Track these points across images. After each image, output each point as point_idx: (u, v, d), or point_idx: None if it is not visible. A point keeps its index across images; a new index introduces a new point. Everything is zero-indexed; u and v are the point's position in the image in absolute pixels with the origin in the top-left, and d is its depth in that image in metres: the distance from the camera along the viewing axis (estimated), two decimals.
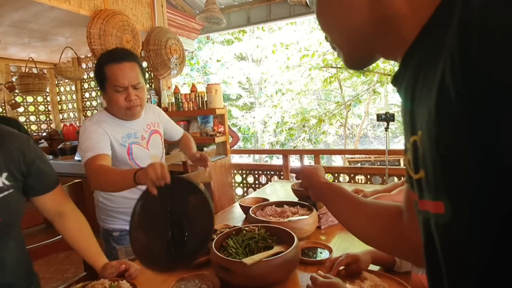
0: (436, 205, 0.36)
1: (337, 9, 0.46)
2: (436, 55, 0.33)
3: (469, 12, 0.27)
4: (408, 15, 0.40)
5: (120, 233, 1.39)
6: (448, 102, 0.30)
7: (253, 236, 1.05)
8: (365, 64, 0.51)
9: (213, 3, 3.09)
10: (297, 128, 8.35)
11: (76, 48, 3.02)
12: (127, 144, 1.34)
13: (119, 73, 1.24)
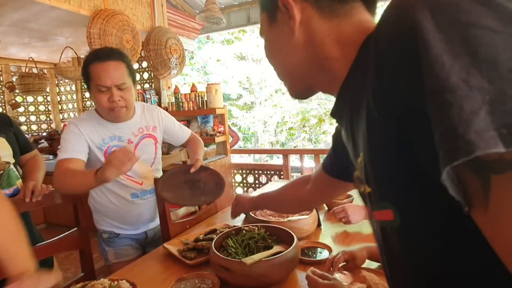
0: (387, 213, 0.41)
1: (280, 50, 0.53)
2: (363, 89, 0.40)
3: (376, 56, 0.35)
4: (339, 57, 0.47)
5: (109, 235, 1.38)
6: (375, 125, 0.38)
7: (252, 236, 1.05)
8: (306, 95, 0.57)
9: (213, 3, 3.09)
10: (297, 128, 8.35)
11: (76, 48, 3.02)
12: (104, 147, 1.27)
13: (102, 72, 1.19)
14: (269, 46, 0.56)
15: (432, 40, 0.28)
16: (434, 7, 0.29)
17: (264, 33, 0.56)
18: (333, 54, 0.47)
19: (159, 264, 1.11)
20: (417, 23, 0.30)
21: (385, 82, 0.34)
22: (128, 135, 1.33)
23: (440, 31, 0.28)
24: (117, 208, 1.34)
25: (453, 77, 0.27)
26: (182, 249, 1.14)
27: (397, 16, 0.33)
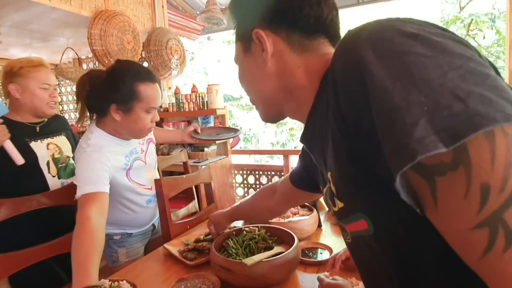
0: (360, 224, 0.44)
1: (253, 77, 0.58)
2: (327, 113, 0.44)
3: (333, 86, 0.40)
4: (307, 85, 0.51)
5: (122, 236, 1.38)
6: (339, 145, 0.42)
7: (253, 237, 1.05)
8: (276, 119, 0.62)
9: (213, 4, 3.09)
10: (297, 128, 8.34)
11: (77, 48, 3.03)
12: (129, 164, 1.26)
13: (156, 94, 1.18)
14: (243, 73, 0.61)
15: (375, 69, 0.33)
16: (374, 44, 0.34)
17: (239, 60, 0.61)
18: (302, 84, 0.52)
19: (160, 264, 1.11)
20: (361, 58, 0.35)
21: (342, 108, 0.38)
22: (140, 146, 1.35)
23: (380, 61, 0.33)
24: (133, 216, 1.36)
25: (395, 97, 0.31)
26: (182, 249, 1.14)
27: (346, 53, 0.38)
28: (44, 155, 1.38)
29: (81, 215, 0.96)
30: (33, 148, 1.36)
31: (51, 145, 1.42)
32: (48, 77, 1.40)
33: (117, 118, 1.16)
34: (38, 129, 1.43)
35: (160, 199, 1.37)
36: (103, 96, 1.14)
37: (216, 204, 1.74)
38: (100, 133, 1.20)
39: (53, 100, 1.42)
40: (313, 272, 1.00)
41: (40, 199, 1.22)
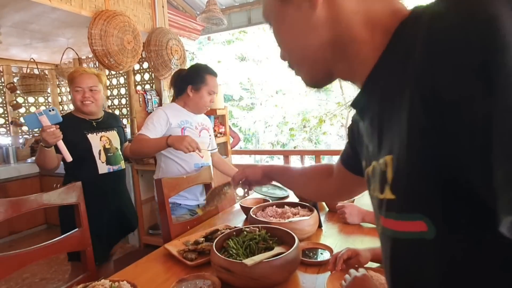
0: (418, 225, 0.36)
1: (295, 31, 0.46)
2: (400, 83, 0.35)
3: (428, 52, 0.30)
4: (367, 40, 0.41)
5: (172, 205, 1.65)
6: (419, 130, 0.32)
7: (253, 237, 1.05)
8: (324, 83, 0.51)
9: (214, 4, 3.09)
10: (297, 129, 8.34)
11: (77, 49, 3.03)
12: (181, 126, 1.72)
13: (216, 83, 1.77)
14: (280, 28, 0.49)
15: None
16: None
17: (272, 13, 0.49)
18: (360, 37, 0.41)
19: (160, 265, 1.11)
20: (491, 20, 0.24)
21: (440, 86, 0.28)
22: (195, 124, 1.81)
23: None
24: (182, 174, 1.70)
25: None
26: (183, 250, 1.14)
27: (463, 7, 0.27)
28: (97, 145, 1.69)
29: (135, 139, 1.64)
30: (90, 139, 1.68)
31: (103, 138, 1.74)
32: (80, 80, 1.66)
33: (190, 95, 1.74)
34: (95, 124, 1.74)
35: (160, 199, 1.37)
36: (185, 80, 1.75)
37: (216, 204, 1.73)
38: (172, 103, 1.81)
39: (86, 100, 1.66)
40: (314, 272, 1.00)
41: (40, 198, 1.22)
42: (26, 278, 2.57)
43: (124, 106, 3.39)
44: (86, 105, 1.67)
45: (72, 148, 1.56)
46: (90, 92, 1.68)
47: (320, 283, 0.93)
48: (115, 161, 1.76)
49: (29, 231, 3.52)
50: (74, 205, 1.31)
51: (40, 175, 3.48)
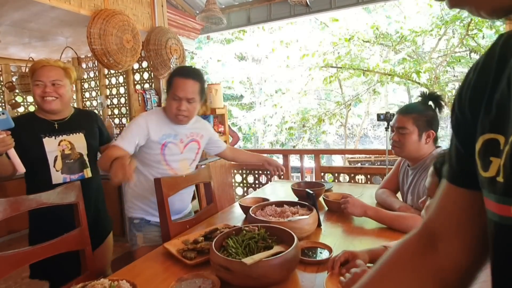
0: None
1: None
2: None
3: None
4: None
5: (140, 220, 1.56)
6: None
7: (253, 236, 1.05)
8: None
9: (213, 3, 3.09)
10: (297, 128, 8.35)
11: (76, 48, 3.02)
12: (162, 141, 1.52)
13: (180, 85, 1.46)
14: None
15: None
16: None
17: None
18: None
19: (159, 264, 1.11)
20: None
21: None
22: (182, 136, 1.58)
23: None
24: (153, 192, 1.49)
25: None
26: (182, 249, 1.14)
27: None
28: (54, 151, 1.47)
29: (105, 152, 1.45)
30: (45, 143, 1.46)
31: (63, 142, 1.51)
32: (41, 73, 1.44)
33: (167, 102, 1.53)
34: (56, 126, 1.52)
35: (160, 198, 1.37)
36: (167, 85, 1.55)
37: (216, 204, 1.74)
38: (159, 109, 1.59)
39: (47, 95, 1.44)
40: (313, 271, 1.00)
41: (39, 198, 1.22)
42: (25, 278, 2.56)
43: (123, 105, 3.38)
44: (48, 102, 1.45)
45: (23, 153, 1.36)
46: (53, 87, 1.45)
47: (319, 282, 0.93)
48: (76, 169, 1.51)
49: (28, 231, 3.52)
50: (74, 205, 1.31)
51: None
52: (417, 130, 1.39)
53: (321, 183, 1.85)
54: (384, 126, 2.44)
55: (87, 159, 1.56)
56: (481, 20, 5.22)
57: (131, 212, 1.59)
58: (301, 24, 8.28)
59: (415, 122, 1.39)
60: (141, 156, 1.54)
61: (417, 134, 1.39)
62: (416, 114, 1.40)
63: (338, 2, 3.47)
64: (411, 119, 1.39)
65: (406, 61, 6.22)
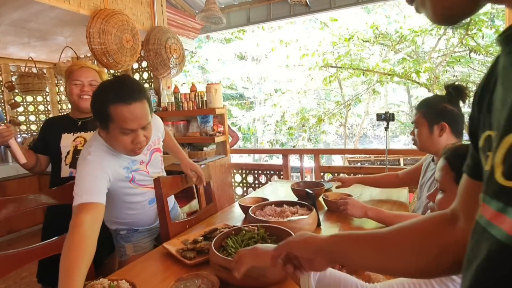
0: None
1: None
2: None
3: None
4: None
5: (128, 231, 1.41)
6: None
7: (252, 236, 1.05)
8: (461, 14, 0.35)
9: (213, 3, 3.09)
10: (296, 128, 8.35)
11: (75, 47, 3.02)
12: (130, 175, 1.28)
13: (128, 115, 1.08)
14: None
15: None
16: None
17: None
18: None
19: (159, 264, 1.11)
20: None
21: None
22: (140, 157, 1.30)
23: None
24: (135, 215, 1.39)
25: None
26: (181, 249, 1.14)
27: None
28: (68, 145, 1.54)
29: (74, 222, 0.97)
30: (62, 139, 1.55)
31: (78, 138, 1.57)
32: (79, 73, 1.54)
33: (102, 135, 1.19)
34: (79, 124, 1.60)
35: (159, 198, 1.37)
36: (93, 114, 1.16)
37: (215, 204, 1.74)
38: (100, 142, 1.19)
39: (85, 94, 1.54)
40: None
41: (39, 197, 1.22)
42: (24, 277, 2.56)
43: None
44: (85, 100, 1.53)
45: (46, 149, 1.52)
46: (90, 87, 1.54)
47: None
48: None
49: (28, 230, 3.52)
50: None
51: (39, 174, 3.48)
52: (426, 123, 1.36)
53: (320, 183, 1.85)
54: (384, 126, 2.43)
55: None
56: (481, 20, 5.22)
57: (114, 225, 1.40)
58: (301, 24, 8.28)
59: (424, 115, 1.37)
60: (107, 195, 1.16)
61: (427, 127, 1.36)
62: (426, 107, 1.38)
63: (338, 2, 3.47)
64: (421, 113, 1.38)
65: (406, 60, 6.22)
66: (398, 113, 9.37)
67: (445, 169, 0.77)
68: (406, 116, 9.58)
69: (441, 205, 0.77)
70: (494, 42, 5.64)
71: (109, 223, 1.42)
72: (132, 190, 1.32)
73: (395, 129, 10.17)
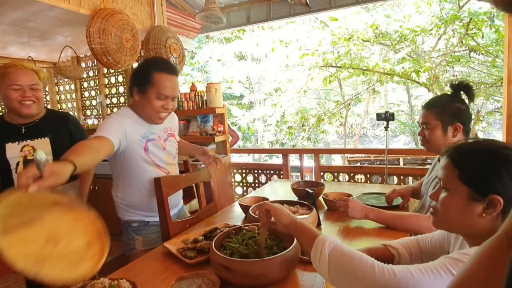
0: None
1: None
2: None
3: None
4: None
5: (139, 223, 1.47)
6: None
7: (253, 236, 1.05)
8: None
9: (213, 2, 3.08)
10: (296, 127, 8.35)
11: (75, 47, 3.02)
12: (144, 141, 1.43)
13: (168, 84, 1.36)
14: None
15: None
16: None
17: None
18: None
19: (159, 263, 1.11)
20: None
21: None
22: (159, 133, 1.50)
23: None
24: (147, 196, 1.45)
25: None
26: (182, 248, 1.14)
27: None
28: (15, 156, 1.43)
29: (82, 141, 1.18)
30: (7, 149, 1.43)
31: (26, 147, 1.45)
32: (17, 77, 1.39)
33: (136, 99, 1.40)
34: (23, 130, 1.47)
35: (160, 197, 1.37)
36: (130, 80, 1.42)
37: (215, 203, 1.74)
38: (128, 109, 1.45)
39: (27, 99, 1.41)
40: (313, 270, 1.00)
41: None
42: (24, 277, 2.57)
43: (123, 104, 3.38)
44: (27, 106, 1.42)
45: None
46: (31, 91, 1.41)
47: (319, 281, 0.93)
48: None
49: None
50: None
51: None
52: (440, 124, 1.33)
53: (321, 183, 1.85)
54: (384, 125, 2.44)
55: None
56: (481, 20, 5.22)
57: (127, 216, 1.49)
58: (301, 24, 8.28)
59: (438, 116, 1.33)
60: (123, 165, 1.41)
61: (441, 128, 1.33)
62: (439, 107, 1.34)
63: (338, 2, 3.47)
64: (433, 113, 1.34)
65: (406, 60, 6.23)
66: (398, 112, 9.38)
67: (448, 167, 0.76)
68: (406, 116, 9.58)
69: (445, 203, 0.76)
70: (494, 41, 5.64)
71: (122, 213, 1.49)
72: (147, 166, 1.43)
73: (395, 129, 10.18)
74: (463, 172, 0.74)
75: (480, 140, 0.77)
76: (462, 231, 0.76)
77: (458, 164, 0.75)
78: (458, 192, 0.74)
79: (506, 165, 0.69)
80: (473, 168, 0.73)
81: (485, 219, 0.71)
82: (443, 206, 0.77)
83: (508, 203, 0.69)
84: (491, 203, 0.70)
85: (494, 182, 0.69)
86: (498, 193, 0.69)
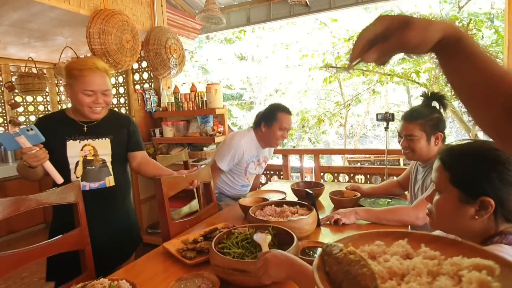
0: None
1: None
2: None
3: None
4: None
5: (219, 195, 2.13)
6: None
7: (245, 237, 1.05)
8: None
9: (213, 3, 3.09)
10: (296, 128, 8.35)
11: (75, 48, 3.02)
12: (249, 162, 2.05)
13: (287, 119, 1.99)
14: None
15: None
16: None
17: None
18: None
19: (159, 264, 1.11)
20: None
21: None
22: (260, 158, 2.14)
23: None
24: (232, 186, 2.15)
25: None
26: (181, 248, 1.14)
27: None
28: (75, 155, 1.38)
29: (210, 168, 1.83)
30: (68, 146, 1.37)
31: (87, 147, 1.40)
32: (92, 82, 1.33)
33: (263, 130, 2.01)
34: (85, 129, 1.42)
35: (160, 198, 1.37)
36: (261, 116, 2.04)
37: (215, 204, 1.74)
38: (252, 133, 2.07)
39: (99, 106, 1.37)
40: None
41: (39, 198, 1.22)
42: (24, 277, 2.57)
43: (123, 105, 3.38)
44: (97, 113, 1.38)
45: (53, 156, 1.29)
46: (103, 97, 1.37)
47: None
48: (97, 177, 1.40)
49: (28, 230, 3.52)
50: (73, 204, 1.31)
51: None
52: (425, 135, 1.41)
53: (320, 183, 1.85)
54: (384, 126, 2.43)
55: (110, 166, 1.43)
56: (481, 20, 5.23)
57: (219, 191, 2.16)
58: (301, 24, 8.28)
59: (422, 128, 1.41)
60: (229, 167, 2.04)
61: (425, 139, 1.42)
62: (421, 120, 1.42)
63: (338, 2, 3.47)
64: (418, 126, 1.42)
65: (406, 61, 6.22)
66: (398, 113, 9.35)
67: (440, 170, 0.77)
68: None
69: (439, 206, 0.77)
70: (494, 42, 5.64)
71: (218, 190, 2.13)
72: (240, 179, 2.12)
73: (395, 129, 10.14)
74: (454, 175, 0.74)
75: (471, 142, 0.78)
76: (457, 233, 0.77)
77: (449, 166, 0.75)
78: (450, 195, 0.74)
79: (496, 167, 0.69)
80: (463, 171, 0.73)
81: (478, 221, 0.71)
82: (437, 208, 0.77)
83: (500, 205, 0.69)
84: (482, 205, 0.70)
85: (484, 184, 0.70)
86: (488, 195, 0.69)
